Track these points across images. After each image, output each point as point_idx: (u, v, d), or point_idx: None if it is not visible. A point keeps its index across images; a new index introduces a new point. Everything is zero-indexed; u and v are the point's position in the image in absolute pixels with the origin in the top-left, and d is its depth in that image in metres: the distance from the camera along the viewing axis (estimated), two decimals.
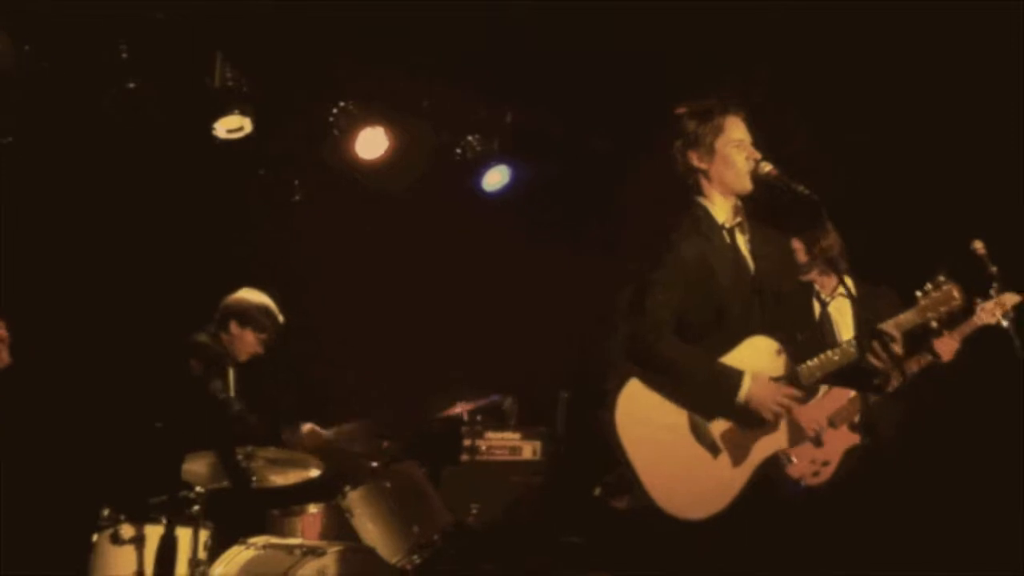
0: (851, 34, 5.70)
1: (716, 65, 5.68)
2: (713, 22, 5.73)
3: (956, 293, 3.75)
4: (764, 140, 3.78)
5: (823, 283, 5.15)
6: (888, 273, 4.89)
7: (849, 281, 5.08)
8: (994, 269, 4.63)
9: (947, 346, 4.87)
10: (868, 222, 5.41)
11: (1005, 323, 4.78)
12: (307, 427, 5.33)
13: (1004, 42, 5.39)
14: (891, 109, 5.88)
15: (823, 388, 4.60)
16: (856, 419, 4.88)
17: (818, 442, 4.75)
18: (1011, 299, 4.84)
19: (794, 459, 4.73)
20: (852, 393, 4.84)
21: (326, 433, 5.33)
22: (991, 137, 5.65)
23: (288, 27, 5.57)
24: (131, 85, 5.42)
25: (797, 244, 5.04)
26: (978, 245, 4.66)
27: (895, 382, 4.86)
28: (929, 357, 4.88)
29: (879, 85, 5.86)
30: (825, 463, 4.75)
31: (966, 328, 4.86)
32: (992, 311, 4.80)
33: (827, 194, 3.88)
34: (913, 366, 4.90)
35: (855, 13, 5.57)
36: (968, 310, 4.80)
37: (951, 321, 3.87)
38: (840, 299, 5.07)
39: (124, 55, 5.24)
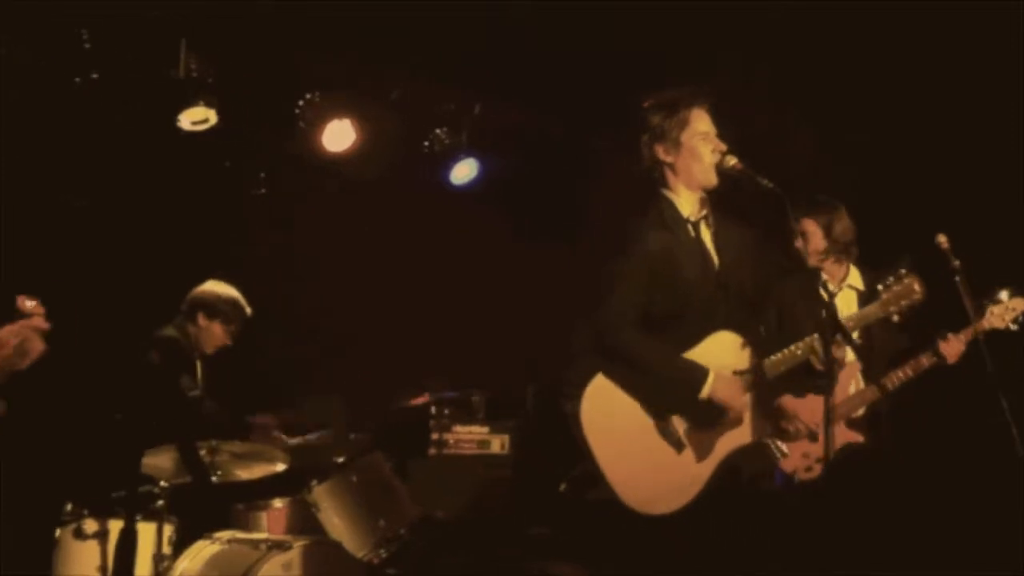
0: (850, 33, 5.71)
1: (713, 61, 5.70)
2: (703, 19, 5.73)
3: (917, 286, 3.79)
4: (729, 132, 3.79)
5: (832, 272, 5.02)
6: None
7: (856, 271, 5.09)
8: (957, 263, 4.66)
9: (953, 348, 4.82)
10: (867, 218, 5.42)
11: (1014, 327, 4.79)
12: (275, 435, 5.33)
13: (1004, 42, 5.41)
14: (891, 108, 5.91)
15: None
16: (854, 416, 4.91)
17: (813, 437, 4.73)
18: (1021, 304, 4.83)
19: (787, 451, 4.74)
20: (850, 389, 4.86)
21: (292, 442, 5.34)
22: (993, 135, 5.68)
23: (255, 18, 5.53)
24: (95, 76, 5.36)
25: (812, 226, 4.95)
26: (942, 239, 4.69)
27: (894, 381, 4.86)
28: (934, 358, 4.86)
29: (879, 85, 5.87)
30: (819, 459, 4.70)
31: (970, 332, 4.79)
32: (1001, 315, 4.79)
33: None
34: (918, 367, 4.87)
35: (855, 13, 5.58)
36: (978, 313, 4.77)
37: (912, 313, 3.88)
38: (847, 290, 5.01)
39: (87, 45, 5.17)
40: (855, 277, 5.03)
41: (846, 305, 4.95)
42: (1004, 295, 4.84)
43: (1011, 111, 5.56)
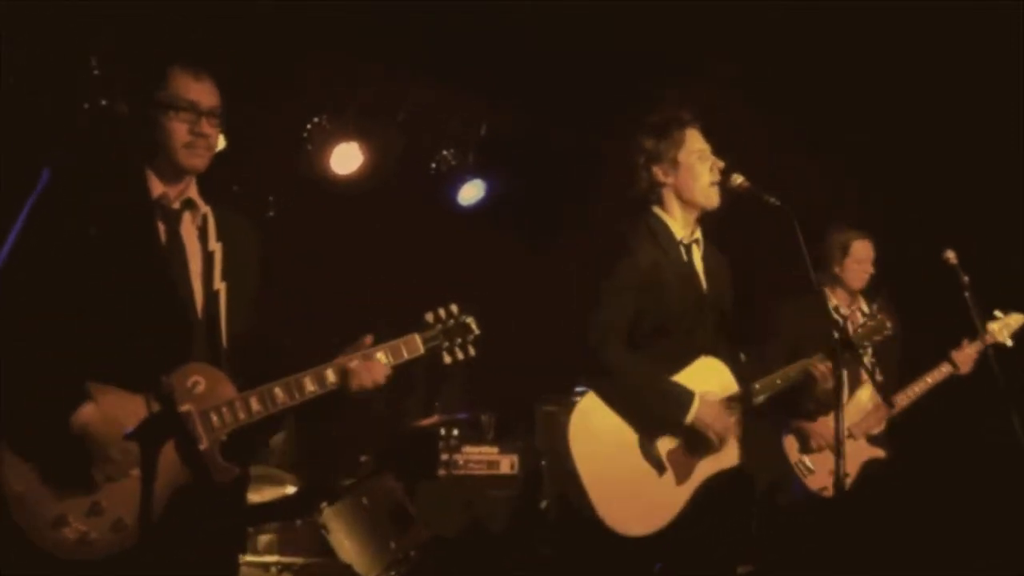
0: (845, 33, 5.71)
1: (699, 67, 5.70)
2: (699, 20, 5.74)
3: (888, 323, 3.97)
4: (723, 147, 3.81)
5: (843, 297, 5.10)
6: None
7: (862, 297, 5.12)
8: (966, 279, 4.67)
9: (965, 357, 4.91)
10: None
11: (1010, 343, 4.88)
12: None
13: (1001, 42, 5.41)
14: (901, 121, 5.91)
15: (844, 400, 4.64)
16: (875, 431, 4.91)
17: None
18: (1017, 320, 4.93)
19: (814, 469, 4.76)
20: (870, 406, 4.89)
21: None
22: (1002, 149, 5.68)
23: (260, 39, 5.55)
24: (103, 103, 5.38)
25: (868, 250, 5.02)
26: (950, 255, 4.71)
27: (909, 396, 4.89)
28: (947, 368, 4.93)
29: (891, 98, 5.87)
30: (846, 474, 4.73)
31: (979, 344, 4.89)
32: (1000, 331, 4.88)
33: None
34: (932, 379, 4.94)
35: (850, 12, 5.58)
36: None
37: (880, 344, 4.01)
38: (856, 313, 5.03)
39: (95, 71, 5.20)
40: (863, 302, 5.06)
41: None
42: (999, 312, 4.90)
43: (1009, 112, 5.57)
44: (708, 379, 3.70)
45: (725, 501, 3.74)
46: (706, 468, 3.68)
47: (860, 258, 5.01)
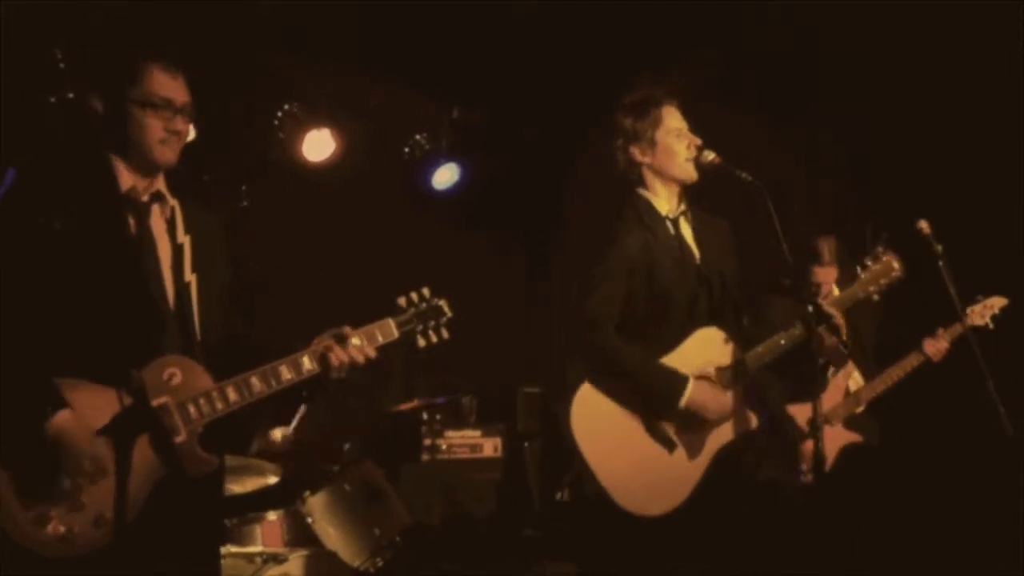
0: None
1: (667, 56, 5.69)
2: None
3: (896, 264, 3.79)
4: (700, 126, 3.80)
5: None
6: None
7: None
8: (939, 248, 4.66)
9: (937, 347, 4.90)
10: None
11: (991, 326, 4.85)
12: (275, 432, 5.32)
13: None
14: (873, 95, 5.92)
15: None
16: (854, 414, 4.92)
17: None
18: (998, 302, 4.90)
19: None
20: (849, 390, 4.90)
21: (287, 430, 5.31)
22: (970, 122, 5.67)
23: (229, 28, 5.51)
24: (71, 96, 5.33)
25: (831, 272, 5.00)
26: (923, 225, 4.69)
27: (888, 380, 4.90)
28: (920, 358, 4.92)
29: (859, 72, 5.87)
30: (822, 459, 4.72)
31: (955, 330, 4.85)
32: (981, 313, 4.86)
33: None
34: (906, 366, 4.92)
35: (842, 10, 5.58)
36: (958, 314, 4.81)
37: (890, 292, 3.88)
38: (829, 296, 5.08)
39: (61, 65, 5.15)
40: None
41: None
42: (980, 296, 4.89)
43: (990, 98, 5.57)
44: (707, 350, 3.69)
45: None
46: (717, 440, 3.69)
47: (819, 281, 5.03)
